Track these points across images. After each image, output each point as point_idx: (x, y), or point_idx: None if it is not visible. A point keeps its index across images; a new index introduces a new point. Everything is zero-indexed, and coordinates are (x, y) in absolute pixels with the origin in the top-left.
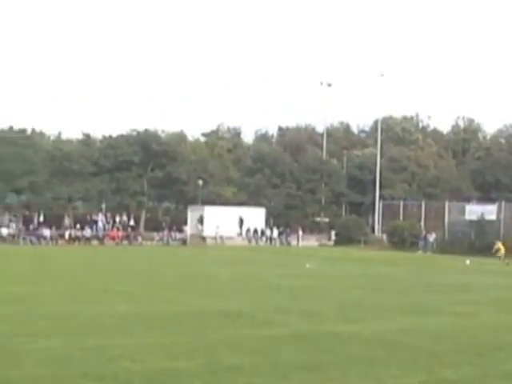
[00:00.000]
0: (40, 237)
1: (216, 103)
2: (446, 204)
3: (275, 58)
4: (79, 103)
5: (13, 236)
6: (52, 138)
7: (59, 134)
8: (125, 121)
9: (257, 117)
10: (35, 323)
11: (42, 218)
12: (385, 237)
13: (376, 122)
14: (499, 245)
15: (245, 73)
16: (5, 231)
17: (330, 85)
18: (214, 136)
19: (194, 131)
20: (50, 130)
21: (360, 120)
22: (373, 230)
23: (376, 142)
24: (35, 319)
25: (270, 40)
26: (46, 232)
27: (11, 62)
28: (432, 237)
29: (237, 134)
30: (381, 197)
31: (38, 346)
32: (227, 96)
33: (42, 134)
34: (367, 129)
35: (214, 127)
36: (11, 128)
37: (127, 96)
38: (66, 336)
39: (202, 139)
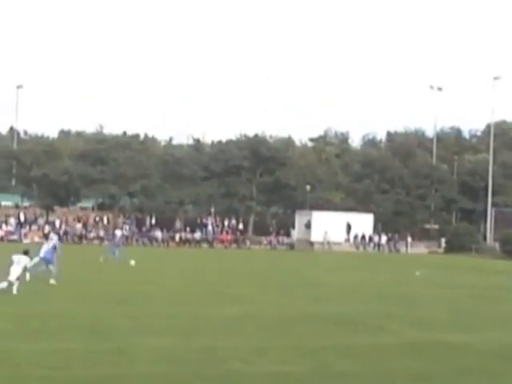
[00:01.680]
0: (152, 239)
1: (323, 108)
2: None
3: (385, 60)
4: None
5: (126, 237)
6: (163, 143)
7: (170, 139)
8: (234, 125)
9: (364, 121)
10: (150, 322)
11: (154, 221)
12: (497, 245)
13: (488, 127)
14: None
15: (348, 77)
16: (119, 233)
17: (440, 89)
18: (321, 141)
19: (302, 136)
20: (161, 134)
21: (471, 125)
22: (484, 238)
23: (488, 147)
24: (150, 318)
25: (377, 42)
26: (158, 234)
27: (117, 69)
28: None
29: (344, 139)
30: (493, 204)
31: (152, 345)
32: (334, 101)
33: (153, 139)
34: (479, 134)
35: (321, 132)
36: (125, 133)
37: (232, 101)
38: (178, 336)
39: (310, 144)
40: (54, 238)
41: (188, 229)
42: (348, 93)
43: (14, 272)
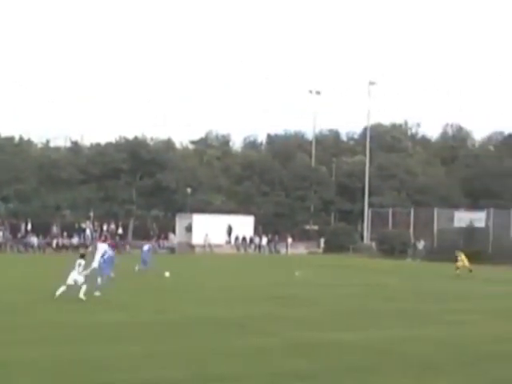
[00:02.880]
0: (28, 245)
1: (204, 111)
2: (435, 211)
3: (263, 65)
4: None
5: (0, 245)
6: (40, 145)
7: (47, 141)
8: (114, 128)
9: (245, 124)
10: (28, 332)
11: (29, 227)
12: (374, 244)
13: (365, 130)
14: (460, 255)
15: (232, 81)
16: None
17: (318, 92)
18: (202, 144)
19: (183, 139)
20: (39, 137)
21: (349, 127)
22: (362, 238)
23: (365, 149)
24: (27, 328)
25: (260, 47)
26: (34, 240)
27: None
28: (421, 244)
29: (225, 141)
30: (370, 204)
31: (32, 356)
32: (215, 104)
33: (29, 141)
34: (356, 136)
35: (202, 135)
36: None
37: (115, 103)
38: (58, 345)
39: (191, 147)
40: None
41: (65, 234)
42: (229, 96)
43: (72, 276)
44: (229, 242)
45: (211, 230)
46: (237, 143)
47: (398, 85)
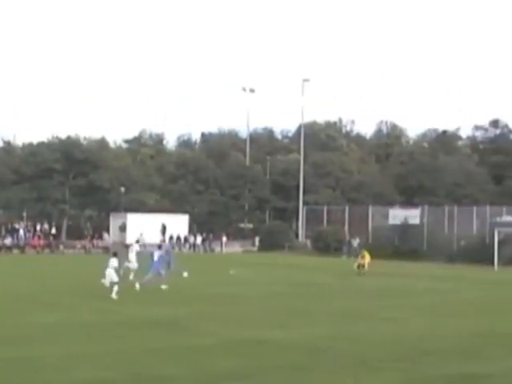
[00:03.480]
0: None
1: (138, 109)
2: (370, 209)
3: (196, 63)
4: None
5: None
6: None
7: None
8: (46, 127)
9: (179, 123)
10: None
11: None
12: (309, 242)
13: (299, 128)
14: (365, 254)
15: (165, 79)
16: None
17: (252, 90)
18: (136, 143)
19: (116, 138)
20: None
21: (284, 125)
22: (297, 236)
23: (300, 147)
24: None
25: (192, 45)
26: None
27: None
28: (356, 242)
29: (159, 140)
30: (305, 202)
31: None
32: (149, 102)
33: None
34: (291, 134)
35: (136, 134)
36: None
37: (48, 102)
38: None
39: (125, 146)
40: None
41: None
42: (162, 94)
43: (109, 275)
44: (163, 241)
45: (145, 229)
46: (171, 142)
47: (332, 82)
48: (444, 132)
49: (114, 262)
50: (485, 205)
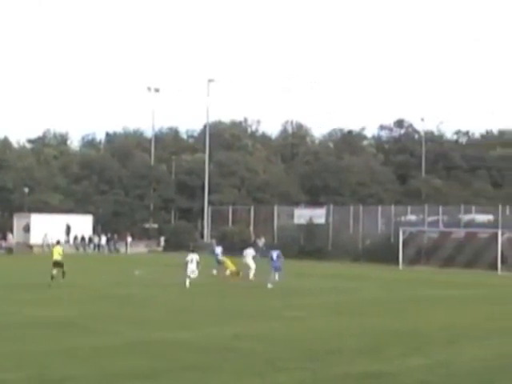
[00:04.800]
0: None
1: (42, 109)
2: (275, 208)
3: (102, 62)
4: None
5: None
6: None
7: None
8: None
9: (83, 123)
10: None
11: None
12: (214, 242)
13: (205, 127)
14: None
15: (69, 78)
16: None
17: (157, 90)
18: (40, 142)
19: (20, 137)
20: None
21: (189, 125)
22: (202, 236)
23: (205, 147)
24: None
25: (97, 43)
26: None
27: None
28: (261, 241)
29: (64, 140)
30: (210, 202)
31: None
32: (53, 102)
33: None
34: (196, 134)
35: (40, 133)
36: None
37: None
38: None
39: (28, 146)
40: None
41: None
42: (66, 93)
43: (190, 268)
44: (68, 242)
45: (50, 229)
46: (75, 142)
47: (237, 82)
48: (349, 132)
49: (193, 257)
50: (390, 204)
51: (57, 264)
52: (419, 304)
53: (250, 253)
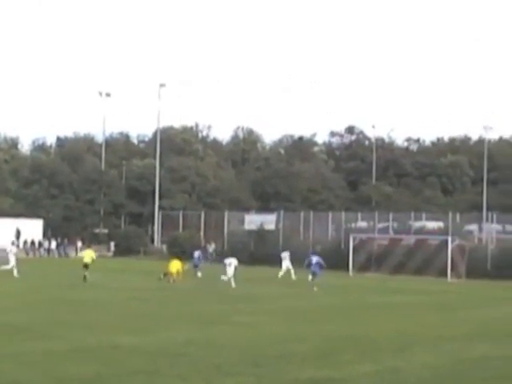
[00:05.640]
0: None
1: None
2: (226, 214)
3: (53, 65)
4: None
5: None
6: None
7: None
8: None
9: (34, 127)
10: None
11: None
12: (165, 247)
13: (156, 133)
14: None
15: (20, 81)
16: None
17: (108, 94)
18: None
19: None
20: None
21: (140, 130)
22: (152, 241)
23: (156, 152)
24: None
25: (49, 47)
26: None
27: None
28: (211, 247)
29: (14, 144)
30: (160, 207)
31: None
32: (3, 106)
33: None
34: (147, 139)
35: None
36: None
37: None
38: None
39: None
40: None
41: None
42: (17, 97)
43: (229, 272)
44: (17, 246)
45: None
46: (25, 146)
47: (188, 87)
48: (300, 138)
49: (233, 261)
50: (340, 211)
51: (86, 266)
52: (369, 310)
53: (233, 262)
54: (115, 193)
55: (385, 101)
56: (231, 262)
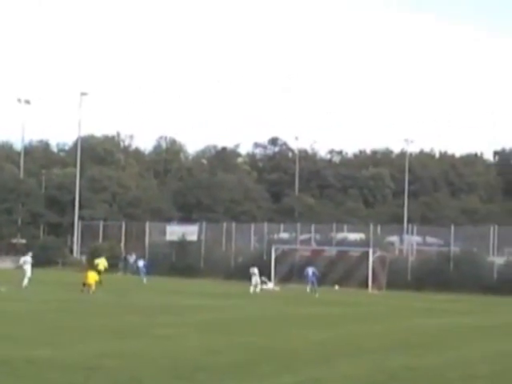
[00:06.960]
0: None
1: None
2: (147, 225)
3: None
4: None
5: None
6: None
7: None
8: None
9: None
10: None
11: None
12: (84, 258)
13: (76, 141)
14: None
15: None
16: None
17: (28, 102)
18: None
19: None
20: None
21: (60, 138)
22: (72, 252)
23: (76, 161)
24: None
25: None
26: None
27: None
28: (132, 258)
29: None
30: (80, 217)
31: None
32: None
33: None
34: (67, 148)
35: None
36: None
37: None
38: None
39: None
40: None
41: None
42: None
43: (254, 280)
44: None
45: None
46: None
47: (110, 96)
48: (223, 148)
49: (254, 271)
50: (263, 222)
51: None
52: (291, 322)
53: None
54: (34, 202)
55: (308, 113)
56: (255, 271)
